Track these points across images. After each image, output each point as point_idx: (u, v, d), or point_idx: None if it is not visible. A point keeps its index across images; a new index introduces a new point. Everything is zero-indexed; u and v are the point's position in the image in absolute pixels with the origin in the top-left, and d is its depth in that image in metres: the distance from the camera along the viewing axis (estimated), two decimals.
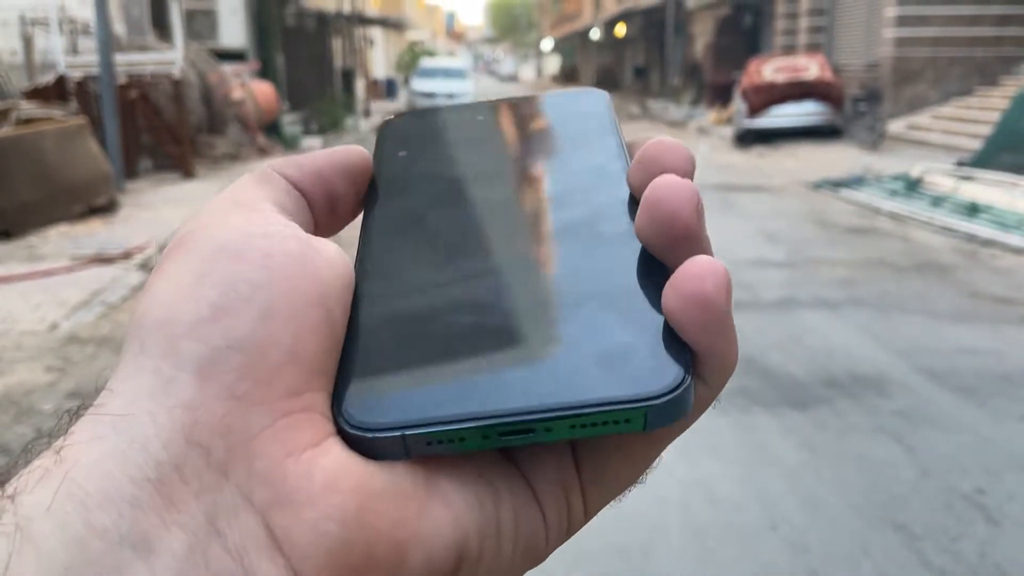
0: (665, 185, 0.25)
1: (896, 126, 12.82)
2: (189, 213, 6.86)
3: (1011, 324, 4.30)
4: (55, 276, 5.02)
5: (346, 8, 20.41)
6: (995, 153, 8.62)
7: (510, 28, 79.35)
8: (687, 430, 0.27)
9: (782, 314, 4.36)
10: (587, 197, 0.29)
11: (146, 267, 5.31)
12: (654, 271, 0.26)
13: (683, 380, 0.23)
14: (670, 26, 23.00)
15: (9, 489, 0.20)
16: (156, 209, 7.19)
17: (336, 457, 0.22)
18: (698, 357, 0.24)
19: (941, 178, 8.17)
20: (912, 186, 8.13)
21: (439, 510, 0.23)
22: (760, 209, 7.42)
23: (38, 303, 4.55)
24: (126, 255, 5.47)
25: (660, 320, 0.24)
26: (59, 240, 6.01)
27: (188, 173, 9.06)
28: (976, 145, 9.62)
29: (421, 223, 0.29)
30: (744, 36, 19.99)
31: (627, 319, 0.25)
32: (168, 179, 8.92)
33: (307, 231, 0.28)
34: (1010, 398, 3.32)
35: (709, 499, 2.58)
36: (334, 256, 0.26)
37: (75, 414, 0.22)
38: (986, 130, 9.72)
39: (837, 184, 8.60)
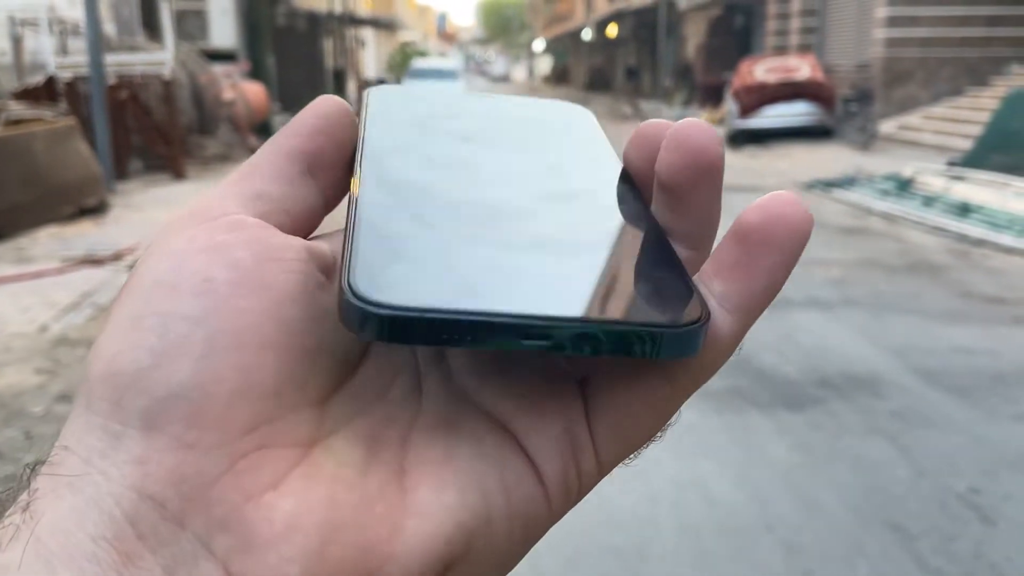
0: (689, 124, 0.26)
1: (887, 126, 12.86)
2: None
3: (1003, 324, 4.31)
4: (45, 278, 4.99)
5: (337, 8, 20.37)
6: (986, 153, 8.65)
7: (502, 29, 79.39)
8: (707, 379, 0.26)
9: (775, 314, 4.36)
10: (582, 171, 0.30)
11: None
12: (661, 237, 0.26)
13: (701, 315, 0.23)
14: (662, 27, 23.03)
15: None
16: (146, 210, 7.16)
17: (298, 496, 0.21)
18: (747, 281, 0.24)
19: (932, 178, 8.19)
20: (904, 186, 8.15)
21: (415, 525, 0.22)
22: None
23: (27, 305, 4.51)
24: (116, 256, 5.44)
25: (674, 265, 0.25)
26: (49, 241, 5.97)
27: (179, 174, 9.02)
28: (967, 145, 9.65)
29: (425, 166, 0.29)
30: (735, 37, 20.04)
31: (643, 264, 0.25)
32: (159, 180, 8.88)
33: (311, 202, 0.27)
34: (1004, 398, 3.33)
35: (704, 500, 2.57)
36: (291, 254, 0.24)
37: (34, 470, 0.22)
38: (977, 130, 9.76)
39: (829, 184, 8.62)
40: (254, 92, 12.03)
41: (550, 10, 50.19)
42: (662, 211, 0.27)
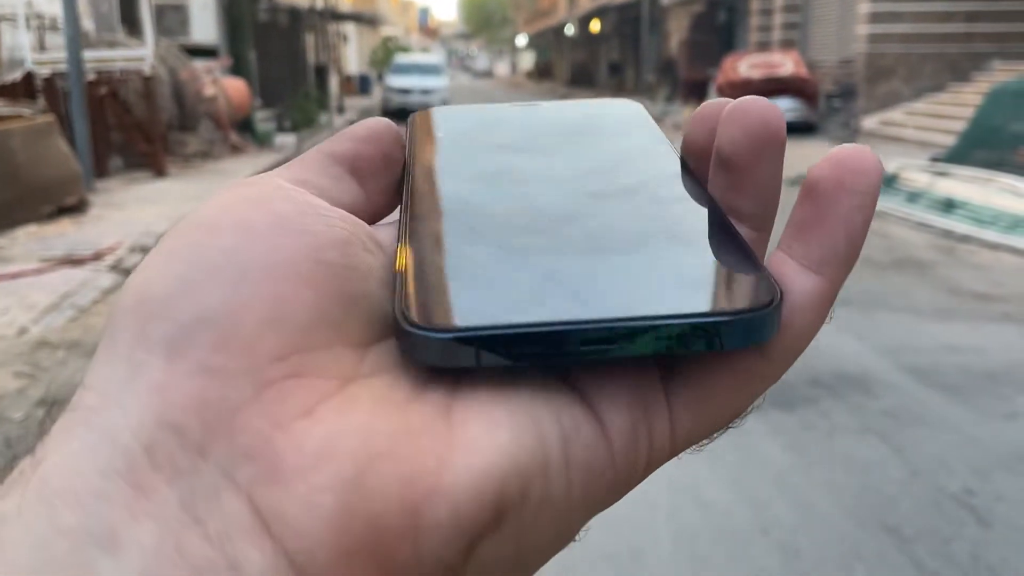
0: (750, 100, 0.25)
1: (870, 122, 12.91)
2: (161, 212, 6.75)
3: (992, 320, 4.31)
4: (23, 278, 4.91)
5: (319, 3, 20.24)
6: (969, 149, 8.68)
7: (484, 24, 79.22)
8: (802, 352, 0.24)
9: None
10: (642, 171, 0.29)
11: (117, 268, 5.20)
12: (724, 220, 0.25)
13: (774, 297, 0.22)
14: (645, 22, 23.03)
15: None
16: (127, 208, 7.07)
17: (331, 423, 0.20)
18: (825, 233, 0.23)
19: (916, 174, 8.22)
20: (888, 182, 8.16)
21: (465, 460, 0.20)
22: None
23: (6, 307, 4.43)
24: (97, 256, 5.35)
25: (744, 251, 0.24)
26: (27, 241, 5.88)
27: (160, 171, 8.91)
28: (949, 141, 9.69)
29: (474, 180, 0.28)
30: (718, 32, 20.08)
31: (706, 250, 0.24)
32: (139, 178, 8.77)
33: (355, 199, 0.27)
34: (995, 396, 3.32)
35: (698, 503, 2.55)
36: (336, 214, 0.24)
37: (50, 414, 0.21)
38: (959, 126, 9.80)
39: None
40: (235, 88, 11.92)
41: (532, 5, 50.12)
42: (722, 190, 0.26)
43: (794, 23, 16.80)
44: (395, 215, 0.28)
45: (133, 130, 9.06)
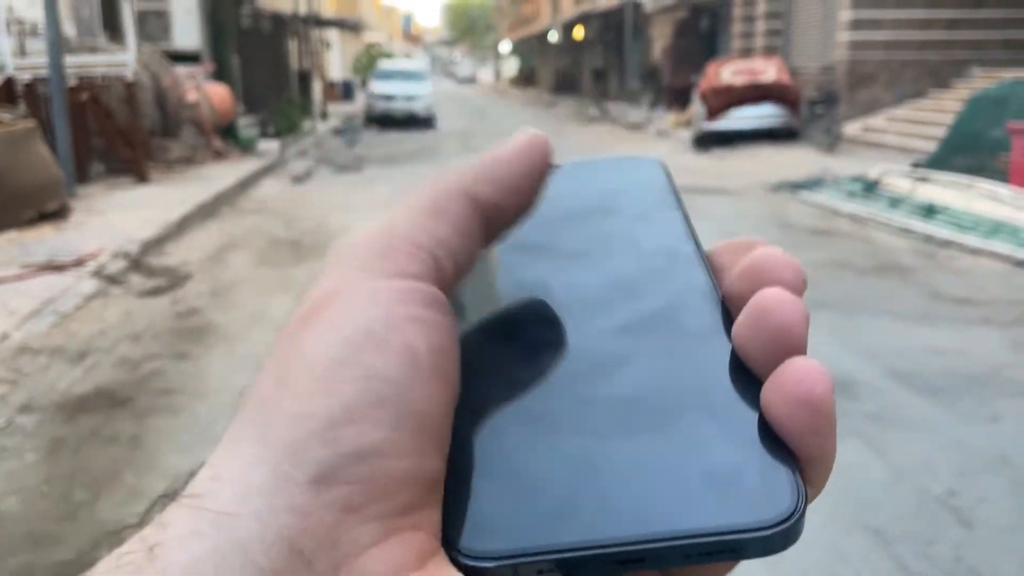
0: (774, 298, 0.24)
1: (851, 128, 13.00)
2: (143, 218, 6.71)
3: (973, 324, 4.35)
4: (5, 285, 4.87)
5: (302, 9, 20.20)
6: (950, 155, 8.77)
7: (468, 30, 79.31)
8: None
9: None
10: (663, 285, 0.29)
11: (99, 274, 5.16)
12: (744, 372, 0.25)
13: (798, 503, 0.22)
14: (628, 29, 23.12)
15: None
16: (109, 215, 7.02)
17: None
18: (805, 460, 0.23)
19: (898, 180, 8.28)
20: (870, 188, 8.23)
21: None
22: (721, 211, 7.43)
23: None
24: (78, 262, 5.32)
25: (762, 431, 0.24)
26: (8, 247, 5.83)
27: (142, 177, 8.86)
28: (930, 147, 9.78)
29: (495, 309, 0.29)
30: (702, 39, 20.18)
31: (729, 430, 0.24)
32: (121, 184, 8.71)
33: (476, 253, 0.27)
34: (977, 399, 3.35)
35: None
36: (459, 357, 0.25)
37: (166, 498, 0.21)
38: (939, 132, 9.89)
39: (796, 186, 8.68)
40: (218, 94, 11.86)
41: (516, 12, 50.21)
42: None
43: (777, 30, 16.91)
44: None
45: (115, 136, 9.00)
